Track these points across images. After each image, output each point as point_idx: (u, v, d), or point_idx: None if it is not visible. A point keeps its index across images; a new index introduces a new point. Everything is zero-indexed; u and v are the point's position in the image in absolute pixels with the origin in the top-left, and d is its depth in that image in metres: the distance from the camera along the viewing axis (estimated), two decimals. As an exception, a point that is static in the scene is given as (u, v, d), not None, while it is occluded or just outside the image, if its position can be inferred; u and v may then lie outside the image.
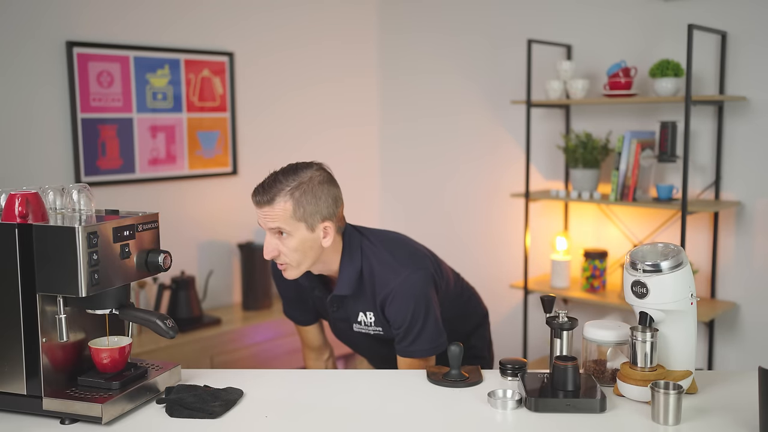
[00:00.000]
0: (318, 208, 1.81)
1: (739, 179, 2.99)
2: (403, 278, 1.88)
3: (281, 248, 1.82)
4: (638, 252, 1.63)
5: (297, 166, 1.84)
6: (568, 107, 3.44)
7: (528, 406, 1.56)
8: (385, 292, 1.88)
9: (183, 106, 3.40)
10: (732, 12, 2.93)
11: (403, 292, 1.87)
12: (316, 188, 1.81)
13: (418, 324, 1.88)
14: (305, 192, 1.79)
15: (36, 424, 1.50)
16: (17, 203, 1.49)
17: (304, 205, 1.78)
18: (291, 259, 1.83)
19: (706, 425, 1.48)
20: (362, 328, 1.98)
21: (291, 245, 1.81)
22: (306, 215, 1.79)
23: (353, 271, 1.90)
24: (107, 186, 3.15)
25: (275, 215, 1.78)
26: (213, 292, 3.54)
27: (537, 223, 3.59)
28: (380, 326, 1.95)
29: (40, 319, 1.48)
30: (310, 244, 1.82)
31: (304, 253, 1.82)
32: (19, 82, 2.91)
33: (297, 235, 1.80)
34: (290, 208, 1.77)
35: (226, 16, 3.53)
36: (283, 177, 1.80)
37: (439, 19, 3.90)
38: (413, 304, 1.87)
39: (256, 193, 1.81)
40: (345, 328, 2.03)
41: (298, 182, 1.79)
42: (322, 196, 1.81)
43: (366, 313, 1.95)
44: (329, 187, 1.84)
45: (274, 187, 1.79)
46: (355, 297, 1.93)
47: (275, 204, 1.77)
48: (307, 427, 1.51)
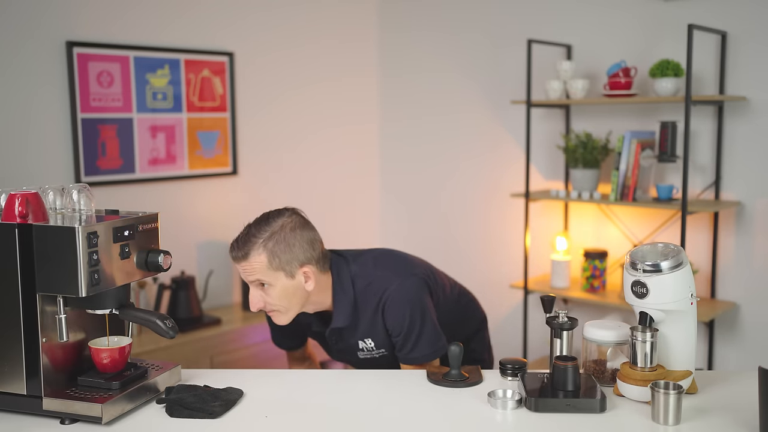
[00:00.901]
0: (294, 255, 1.81)
1: (739, 179, 2.99)
2: (396, 286, 1.89)
3: (266, 299, 1.83)
4: (638, 252, 1.63)
5: (269, 215, 1.85)
6: (568, 107, 3.44)
7: (528, 406, 1.56)
8: (384, 300, 1.88)
9: (183, 106, 3.40)
10: (732, 12, 2.93)
11: (398, 299, 1.88)
12: (289, 236, 1.81)
13: (416, 329, 1.88)
14: (278, 241, 1.79)
15: (36, 424, 1.50)
16: (17, 203, 1.49)
17: (279, 254, 1.79)
18: (278, 307, 1.84)
19: (706, 425, 1.48)
20: (366, 354, 1.98)
21: (274, 294, 1.82)
22: (283, 264, 1.79)
23: (347, 303, 1.91)
24: (107, 186, 3.15)
25: (252, 269, 1.79)
26: (213, 292, 3.54)
27: (537, 223, 3.59)
28: (383, 347, 1.95)
29: (40, 319, 1.48)
30: (293, 290, 1.83)
31: (288, 300, 1.83)
32: (19, 82, 2.91)
33: (278, 285, 1.81)
34: (265, 260, 1.78)
35: (226, 16, 3.53)
36: (255, 230, 1.82)
37: (439, 19, 3.90)
38: (409, 310, 1.88)
39: (232, 249, 1.83)
40: (349, 356, 2.03)
41: (270, 233, 1.80)
42: (296, 243, 1.81)
43: (365, 340, 1.95)
44: (302, 231, 1.84)
45: (248, 242, 1.80)
46: (353, 326, 1.93)
47: (250, 258, 1.79)
48: (307, 427, 1.51)
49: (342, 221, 4.02)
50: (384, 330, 1.92)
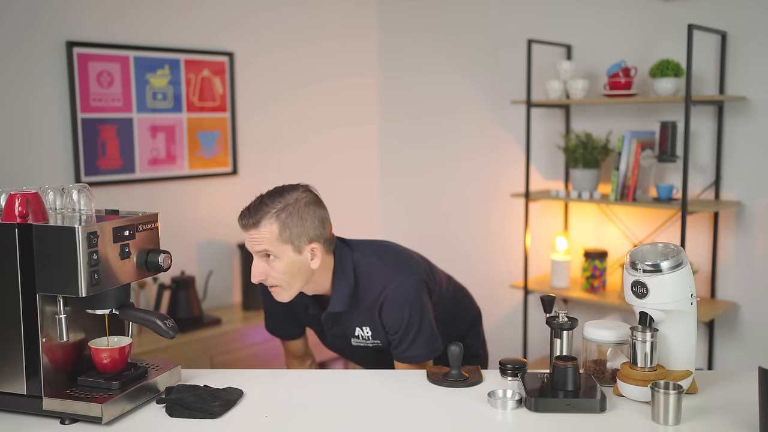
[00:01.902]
0: (304, 230, 1.80)
1: (739, 179, 2.99)
2: (397, 284, 1.88)
3: (269, 271, 1.81)
4: (638, 252, 1.63)
5: (283, 188, 1.85)
6: (568, 107, 3.44)
7: (528, 406, 1.56)
8: (382, 299, 1.88)
9: (183, 106, 3.40)
10: (732, 12, 2.93)
11: (397, 299, 1.87)
12: (302, 210, 1.80)
13: (414, 329, 1.88)
14: (291, 214, 1.78)
15: (36, 424, 1.50)
16: (17, 203, 1.49)
17: (290, 227, 1.78)
18: (280, 282, 1.82)
19: (706, 425, 1.48)
20: (360, 342, 1.98)
21: (279, 268, 1.80)
22: (292, 237, 1.78)
23: (346, 288, 1.90)
24: (107, 186, 3.15)
25: (261, 238, 1.77)
26: (213, 292, 3.54)
27: (537, 223, 3.59)
28: (378, 338, 1.94)
29: (40, 319, 1.48)
30: (298, 266, 1.81)
31: (292, 275, 1.82)
32: (19, 82, 2.91)
33: (284, 258, 1.79)
34: (276, 230, 1.77)
35: (226, 16, 3.53)
36: (268, 200, 1.80)
37: (439, 19, 3.90)
38: (408, 310, 1.87)
39: (243, 217, 1.81)
40: (342, 344, 2.02)
41: (284, 204, 1.79)
42: (308, 218, 1.81)
43: (363, 328, 1.94)
44: (315, 208, 1.84)
45: (260, 210, 1.78)
46: (349, 313, 1.93)
47: (261, 227, 1.77)
48: (307, 427, 1.51)
49: (342, 221, 4.01)
50: (380, 325, 1.92)
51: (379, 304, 1.89)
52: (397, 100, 4.15)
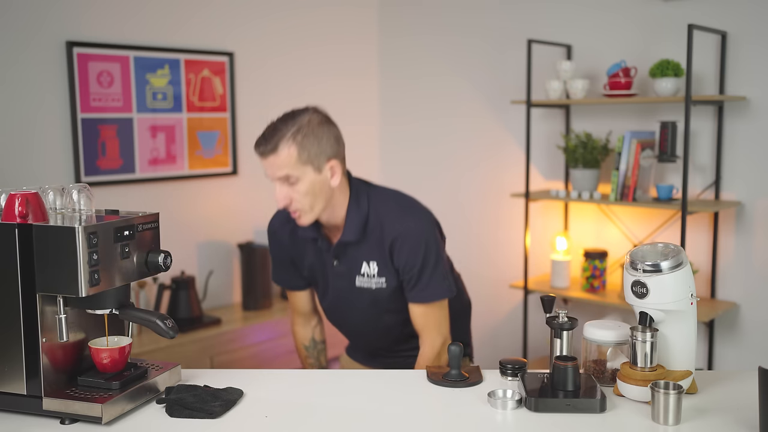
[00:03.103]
0: (322, 149, 1.83)
1: (739, 179, 2.99)
2: (413, 222, 1.92)
3: (292, 195, 1.84)
4: (638, 252, 1.63)
5: (293, 112, 1.87)
6: (568, 107, 3.44)
7: (528, 406, 1.56)
8: (394, 235, 1.90)
9: (183, 106, 3.40)
10: (732, 12, 2.93)
11: (414, 236, 1.90)
12: (317, 129, 1.83)
13: (430, 266, 1.90)
14: (307, 135, 1.81)
15: (36, 424, 1.50)
16: (17, 203, 1.49)
17: (308, 147, 1.81)
18: (303, 204, 1.85)
19: (706, 425, 1.48)
20: (365, 282, 1.96)
21: (301, 190, 1.83)
22: (311, 157, 1.82)
23: (360, 217, 1.92)
24: (107, 186, 3.15)
25: (281, 163, 1.80)
26: (213, 292, 3.54)
27: (537, 223, 3.59)
28: (384, 276, 1.94)
29: (40, 319, 1.48)
30: (320, 185, 1.85)
31: (314, 195, 1.84)
32: (20, 82, 2.91)
33: (306, 179, 1.82)
34: (294, 153, 1.80)
35: (226, 16, 3.53)
36: (281, 124, 1.84)
37: (440, 20, 3.90)
38: (424, 247, 1.90)
39: (259, 144, 1.84)
40: (344, 287, 2.00)
41: (298, 126, 1.82)
42: (323, 136, 1.84)
43: (370, 263, 1.94)
44: (329, 127, 1.87)
45: (276, 135, 1.82)
46: (359, 245, 1.94)
47: (279, 151, 1.80)
48: (307, 427, 1.51)
49: (342, 221, 4.02)
50: (390, 262, 1.92)
51: (390, 240, 1.90)
52: (397, 101, 4.15)
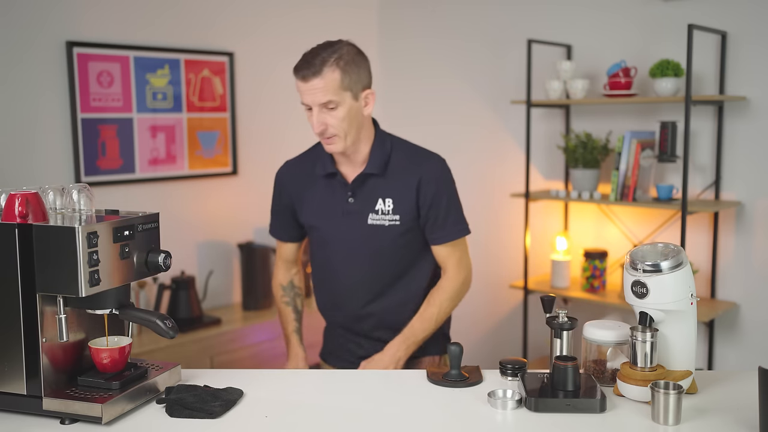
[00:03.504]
0: (360, 77, 1.91)
1: (739, 179, 2.99)
2: (436, 163, 2.04)
3: (329, 120, 1.89)
4: (638, 252, 1.63)
5: (330, 42, 1.92)
6: (568, 107, 3.44)
7: (528, 406, 1.56)
8: (421, 173, 1.98)
9: (183, 106, 3.40)
10: (732, 12, 2.93)
11: (440, 175, 2.02)
12: (356, 57, 1.91)
13: (454, 205, 2.03)
14: (348, 62, 1.88)
15: (36, 424, 1.50)
16: (17, 203, 1.49)
17: (350, 73, 1.88)
18: (339, 130, 1.90)
19: (706, 425, 1.48)
20: (377, 219, 2.00)
21: (339, 115, 1.89)
22: (351, 83, 1.88)
23: (384, 153, 2.00)
24: (107, 186, 3.15)
25: (324, 86, 1.85)
26: (213, 292, 3.54)
27: (537, 223, 3.59)
28: (398, 214, 1.99)
29: (40, 319, 1.48)
30: (355, 113, 1.91)
31: (350, 122, 1.91)
32: (20, 83, 2.91)
33: (345, 105, 1.88)
34: (338, 77, 1.86)
35: (226, 16, 3.54)
36: (322, 50, 1.88)
37: (440, 20, 3.90)
38: (449, 186, 2.04)
39: (301, 68, 1.88)
40: (354, 226, 2.02)
41: (339, 54, 1.87)
42: (362, 66, 1.92)
43: (385, 200, 1.99)
44: (364, 58, 1.95)
45: (317, 59, 1.86)
46: (378, 180, 1.99)
47: (324, 74, 1.85)
48: (307, 427, 1.51)
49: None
50: (412, 197, 1.98)
51: (418, 178, 1.98)
52: (397, 101, 4.15)
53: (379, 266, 2.04)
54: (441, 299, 2.05)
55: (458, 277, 2.07)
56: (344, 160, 2.02)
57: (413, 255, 2.06)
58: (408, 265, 2.06)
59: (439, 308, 2.04)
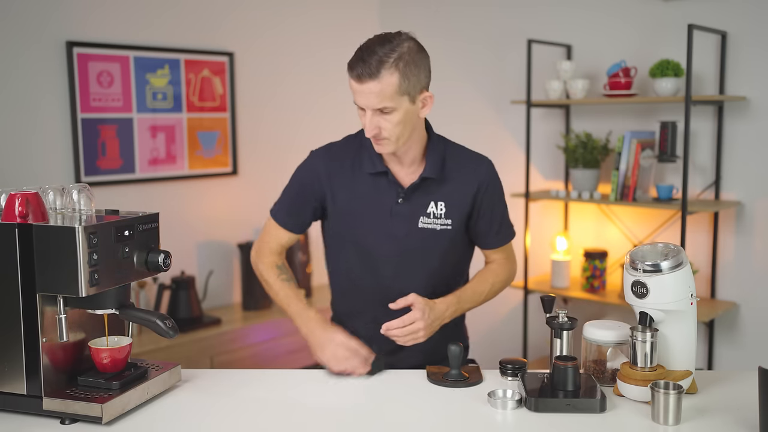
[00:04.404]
0: (419, 79, 1.75)
1: (739, 179, 2.99)
2: (489, 165, 1.96)
3: (383, 124, 1.75)
4: (638, 252, 1.63)
5: (389, 37, 1.75)
6: (568, 107, 3.44)
7: (528, 406, 1.56)
8: (481, 179, 1.92)
9: (183, 106, 3.40)
10: (732, 12, 2.93)
11: (497, 180, 1.97)
12: (416, 57, 1.74)
13: (506, 209, 2.01)
14: (408, 63, 1.71)
15: (36, 424, 1.50)
16: (17, 203, 1.49)
17: (409, 76, 1.71)
18: (391, 134, 1.76)
19: (706, 425, 1.48)
20: (429, 223, 1.89)
21: (395, 120, 1.74)
22: (410, 87, 1.72)
23: (439, 157, 1.90)
24: (107, 186, 3.15)
25: (381, 90, 1.70)
26: (213, 292, 3.54)
27: (537, 223, 3.59)
28: (450, 218, 1.89)
29: (40, 319, 1.48)
30: (411, 116, 1.77)
31: (404, 125, 1.77)
32: (20, 82, 2.91)
33: (401, 109, 1.74)
34: (396, 81, 1.70)
35: (226, 16, 3.54)
36: (380, 48, 1.71)
37: (440, 20, 3.90)
38: (502, 191, 1.99)
39: (355, 66, 1.73)
40: (402, 228, 1.89)
41: (399, 53, 1.70)
42: (422, 65, 1.75)
43: (438, 203, 1.89)
44: (425, 56, 1.78)
45: (375, 59, 1.70)
46: (431, 183, 1.88)
47: (381, 77, 1.69)
48: (307, 427, 1.51)
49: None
50: (467, 203, 1.90)
51: (477, 183, 1.91)
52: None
53: (422, 273, 1.92)
54: (494, 280, 1.99)
55: (510, 267, 2.04)
56: (393, 159, 1.90)
57: (455, 261, 1.99)
58: (449, 273, 1.98)
59: (491, 287, 1.98)
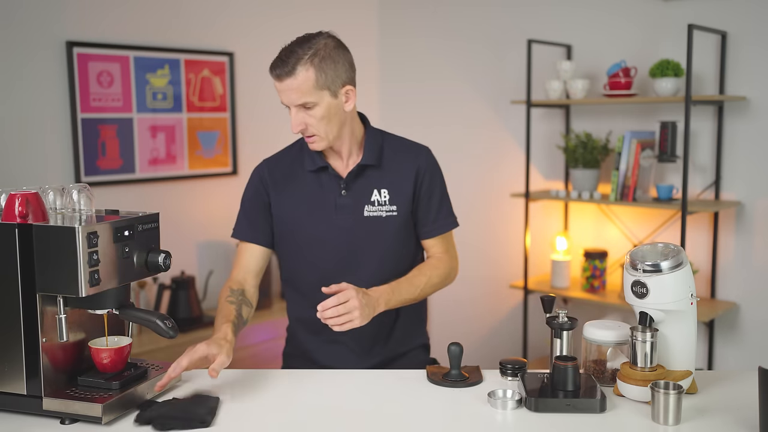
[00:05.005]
0: (338, 73, 1.81)
1: (739, 179, 2.99)
2: (427, 152, 2.01)
3: (308, 120, 1.83)
4: (638, 252, 1.63)
5: (308, 36, 1.85)
6: (568, 107, 3.44)
7: (528, 406, 1.56)
8: (419, 164, 1.97)
9: (183, 106, 3.40)
10: (732, 12, 2.93)
11: (434, 166, 2.00)
12: (333, 53, 1.81)
13: (446, 197, 2.03)
14: (324, 58, 1.79)
15: (36, 424, 1.50)
16: (17, 203, 1.49)
17: (325, 70, 1.79)
18: (318, 130, 1.84)
19: (706, 425, 1.48)
20: (374, 211, 1.94)
21: (317, 115, 1.82)
22: (328, 81, 1.80)
23: (376, 146, 1.96)
24: (107, 186, 3.15)
25: (298, 86, 1.79)
26: (213, 292, 3.54)
27: (537, 223, 3.59)
28: (395, 204, 1.94)
29: (40, 319, 1.48)
30: (335, 110, 1.84)
31: (329, 120, 1.84)
32: (20, 82, 2.91)
33: (322, 103, 1.81)
34: (312, 76, 1.78)
35: (226, 16, 3.53)
36: (297, 47, 1.81)
37: (440, 21, 3.90)
38: (442, 176, 2.02)
39: (276, 67, 1.83)
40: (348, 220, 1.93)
41: (315, 50, 1.79)
42: (339, 60, 1.82)
43: (381, 191, 1.94)
44: (344, 51, 1.85)
45: (292, 58, 1.80)
46: (371, 172, 1.95)
47: (297, 74, 1.79)
48: (306, 427, 1.51)
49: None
50: (409, 188, 1.95)
51: (416, 168, 1.95)
52: (397, 102, 4.15)
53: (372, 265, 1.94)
54: (432, 273, 1.98)
55: (449, 262, 2.05)
56: (332, 154, 1.96)
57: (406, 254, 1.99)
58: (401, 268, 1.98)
59: (428, 280, 1.96)
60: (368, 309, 1.76)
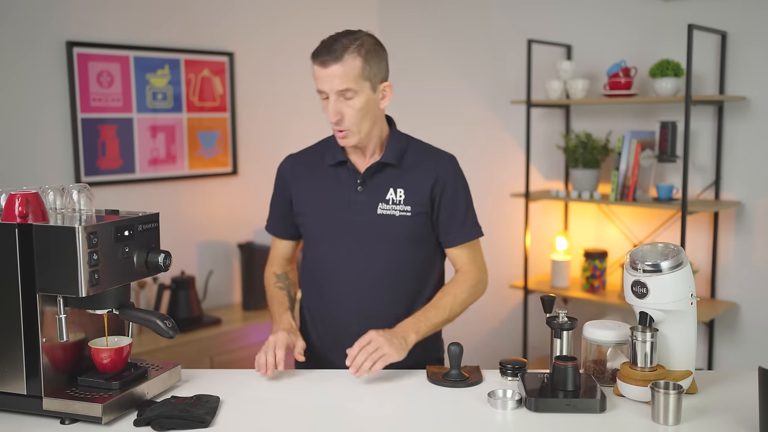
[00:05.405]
0: (380, 68, 1.84)
1: (739, 179, 2.99)
2: (451, 160, 2.00)
3: (345, 110, 1.82)
4: (638, 252, 1.63)
5: (350, 30, 1.86)
6: (568, 107, 3.44)
7: (528, 406, 1.56)
8: (439, 173, 1.94)
9: (183, 106, 3.40)
10: (732, 12, 2.93)
11: (458, 175, 1.98)
12: (376, 47, 1.84)
13: (471, 206, 1.99)
14: (369, 50, 1.81)
15: (36, 424, 1.50)
16: (17, 203, 1.49)
17: (370, 62, 1.81)
18: (353, 123, 1.83)
19: (706, 425, 1.48)
20: (387, 209, 1.92)
21: (356, 106, 1.81)
22: (371, 74, 1.82)
23: (399, 147, 1.96)
24: (107, 186, 3.15)
25: (344, 73, 1.78)
26: (213, 292, 3.54)
27: (537, 223, 3.59)
28: (409, 205, 1.92)
29: (40, 319, 1.48)
30: (372, 105, 1.85)
31: (365, 113, 1.84)
32: (20, 82, 2.91)
33: (362, 95, 1.81)
34: (359, 65, 1.79)
35: (226, 16, 3.54)
36: (343, 37, 1.82)
37: (439, 21, 3.90)
38: (466, 185, 1.99)
39: (320, 54, 1.81)
40: (362, 216, 1.92)
41: (361, 41, 1.81)
42: (382, 57, 1.86)
43: (397, 190, 1.93)
44: (383, 50, 1.88)
45: (339, 45, 1.79)
46: (391, 170, 1.94)
47: (345, 61, 1.78)
48: (306, 427, 1.51)
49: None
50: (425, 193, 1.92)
51: (435, 176, 1.93)
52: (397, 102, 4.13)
53: (385, 262, 1.93)
54: (456, 290, 1.93)
55: (475, 274, 1.99)
56: (355, 151, 1.96)
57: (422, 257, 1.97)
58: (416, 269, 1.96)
59: (455, 298, 1.92)
60: (397, 341, 1.76)
